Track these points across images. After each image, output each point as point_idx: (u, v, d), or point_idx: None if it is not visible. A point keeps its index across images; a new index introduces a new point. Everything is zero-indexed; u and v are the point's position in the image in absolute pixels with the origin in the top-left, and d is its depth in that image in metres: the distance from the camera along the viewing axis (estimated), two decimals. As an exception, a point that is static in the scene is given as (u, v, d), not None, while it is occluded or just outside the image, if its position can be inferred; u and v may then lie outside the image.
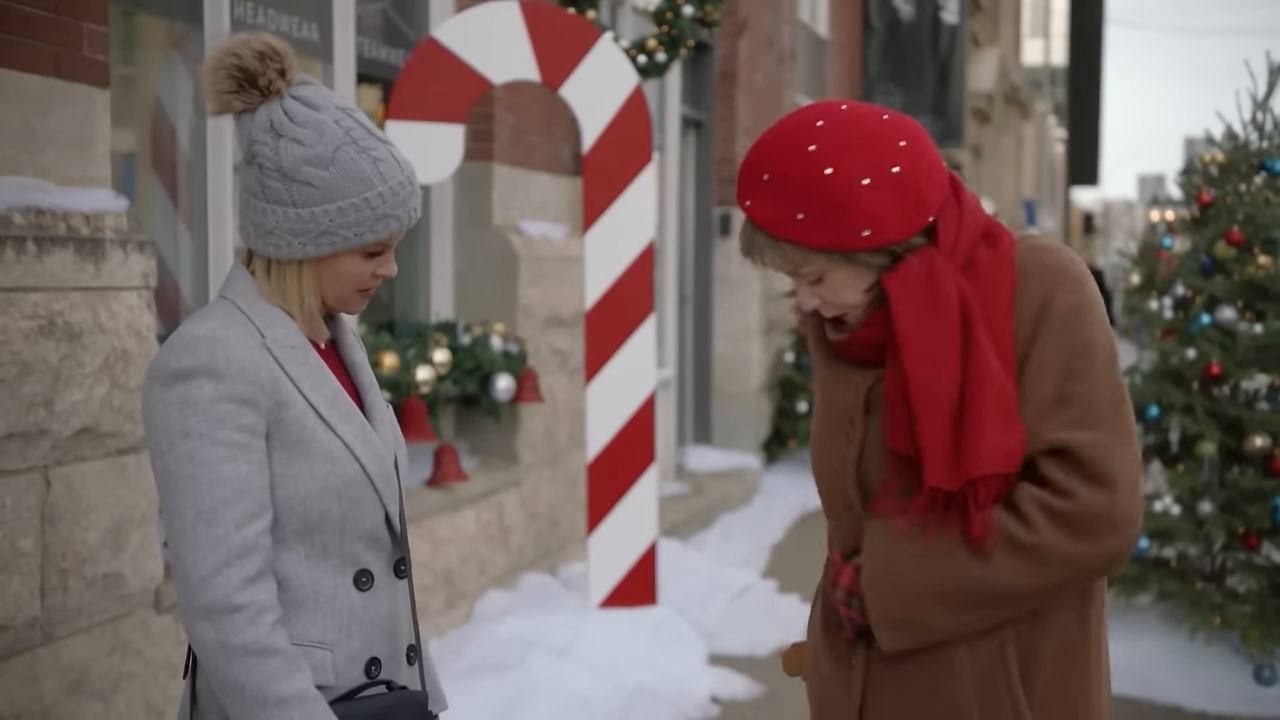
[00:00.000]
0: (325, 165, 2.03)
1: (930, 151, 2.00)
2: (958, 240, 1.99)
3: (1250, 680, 5.54)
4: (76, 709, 3.59)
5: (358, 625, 2.10)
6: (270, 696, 1.95)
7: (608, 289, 5.69)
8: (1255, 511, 5.71)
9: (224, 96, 2.06)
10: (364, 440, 2.11)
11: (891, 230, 1.94)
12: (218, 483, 1.97)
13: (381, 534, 2.14)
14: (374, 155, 2.07)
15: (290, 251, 2.06)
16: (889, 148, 1.95)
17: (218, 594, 1.95)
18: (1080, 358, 1.96)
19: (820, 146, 1.94)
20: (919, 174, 1.95)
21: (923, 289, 1.96)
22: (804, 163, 1.94)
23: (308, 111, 2.06)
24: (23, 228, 3.44)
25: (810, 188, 1.93)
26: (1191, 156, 6.67)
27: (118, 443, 3.73)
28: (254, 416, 2.01)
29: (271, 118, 2.06)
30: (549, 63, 5.59)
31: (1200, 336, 5.91)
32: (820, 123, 1.96)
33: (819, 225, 1.93)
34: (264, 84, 2.06)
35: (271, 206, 2.05)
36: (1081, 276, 1.99)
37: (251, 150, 2.07)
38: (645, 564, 5.71)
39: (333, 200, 2.03)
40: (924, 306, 1.95)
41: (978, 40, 22.43)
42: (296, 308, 2.10)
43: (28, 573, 3.42)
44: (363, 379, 2.23)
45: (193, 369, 1.99)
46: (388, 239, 2.10)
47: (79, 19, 3.75)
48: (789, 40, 11.82)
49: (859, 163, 1.93)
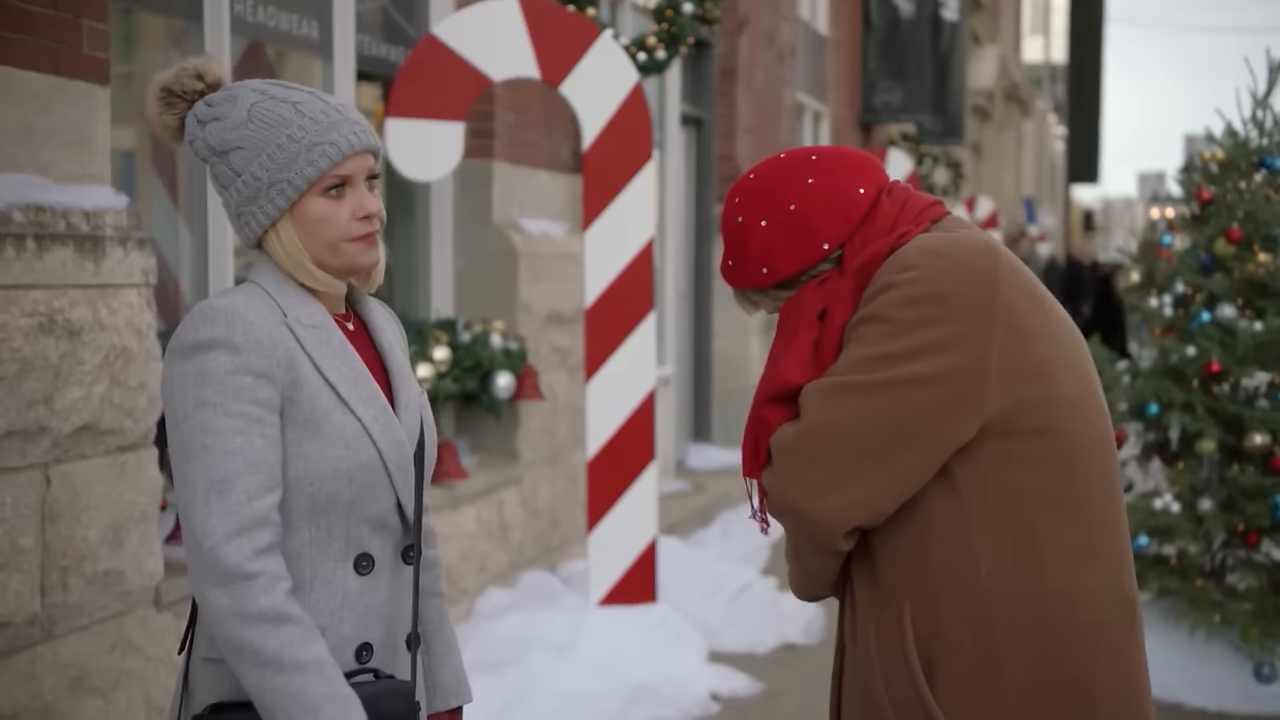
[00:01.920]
0: (243, 125, 2.07)
1: (843, 183, 2.10)
2: (858, 256, 2.07)
3: (1250, 677, 5.54)
4: (77, 706, 3.59)
5: (351, 610, 2.09)
6: (289, 661, 1.94)
7: (608, 286, 5.69)
8: (1255, 509, 5.71)
9: (159, 120, 2.15)
10: (384, 424, 2.10)
11: (784, 265, 2.11)
12: (231, 454, 1.97)
13: (391, 519, 2.13)
14: (291, 100, 2.10)
15: (259, 220, 2.08)
16: (792, 187, 2.11)
17: (230, 562, 1.94)
18: (864, 324, 2.00)
19: (740, 198, 2.16)
20: (815, 209, 2.09)
21: (788, 309, 2.12)
22: (729, 215, 2.17)
23: (222, 94, 2.12)
24: (22, 225, 3.44)
25: (731, 237, 2.17)
26: (1191, 154, 6.67)
27: (118, 440, 3.73)
28: (269, 391, 2.01)
29: (195, 114, 2.12)
30: (549, 60, 5.58)
31: (1200, 334, 5.91)
32: (752, 175, 2.18)
33: (739, 269, 2.17)
34: (180, 89, 2.13)
35: (229, 191, 2.10)
36: (914, 261, 1.98)
37: (197, 152, 2.13)
38: (645, 561, 5.71)
39: (261, 150, 2.07)
40: (785, 325, 2.12)
41: (978, 37, 22.42)
42: (300, 271, 2.10)
43: (28, 570, 3.42)
44: (393, 363, 2.22)
45: (210, 340, 2.00)
46: (335, 170, 2.08)
47: (79, 16, 3.75)
48: (789, 38, 11.82)
49: (759, 207, 2.12)
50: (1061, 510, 2.04)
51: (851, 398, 1.98)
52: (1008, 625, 1.99)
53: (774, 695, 5.50)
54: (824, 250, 2.09)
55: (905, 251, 2.01)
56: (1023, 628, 1.99)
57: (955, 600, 2.00)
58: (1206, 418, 5.83)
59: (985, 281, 1.97)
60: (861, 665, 2.07)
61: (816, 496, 2.00)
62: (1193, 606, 5.71)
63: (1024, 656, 1.99)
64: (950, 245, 2.00)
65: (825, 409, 2.00)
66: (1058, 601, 2.01)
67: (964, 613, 2.00)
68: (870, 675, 2.05)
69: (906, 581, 2.03)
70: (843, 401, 1.99)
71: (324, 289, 2.12)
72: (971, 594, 2.00)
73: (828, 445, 1.99)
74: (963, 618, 2.00)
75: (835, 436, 1.99)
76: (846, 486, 1.99)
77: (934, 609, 2.01)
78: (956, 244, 2.01)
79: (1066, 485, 2.04)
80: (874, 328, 1.99)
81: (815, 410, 2.01)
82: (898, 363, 1.96)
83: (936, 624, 2.01)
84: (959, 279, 1.97)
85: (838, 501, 1.99)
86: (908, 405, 1.96)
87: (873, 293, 2.00)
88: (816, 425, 2.00)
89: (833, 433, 1.99)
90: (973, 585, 2.00)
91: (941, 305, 1.96)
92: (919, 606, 2.02)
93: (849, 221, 2.09)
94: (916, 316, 1.96)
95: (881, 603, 2.06)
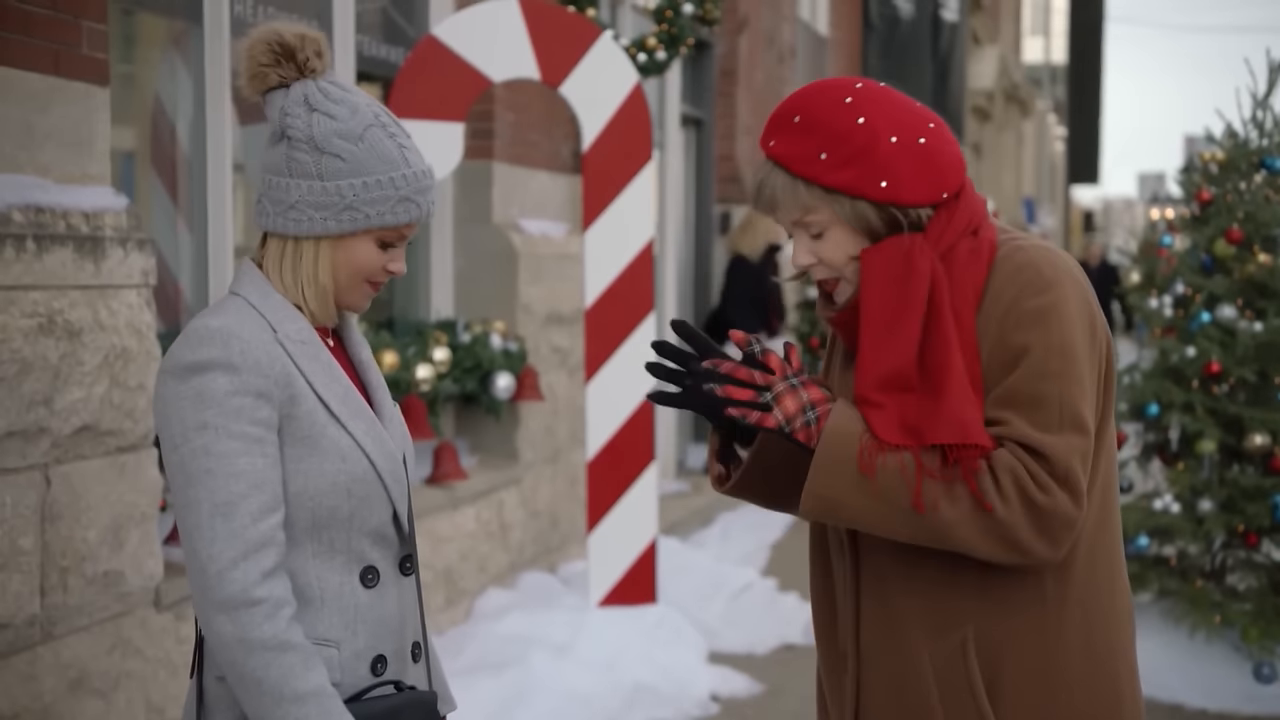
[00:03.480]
0: (355, 140, 2.06)
1: (954, 144, 2.07)
2: (944, 232, 2.03)
3: (1250, 678, 5.53)
4: (77, 707, 3.59)
5: (363, 623, 2.09)
6: (288, 692, 1.95)
7: (608, 287, 5.69)
8: (1255, 509, 5.70)
9: (261, 70, 2.10)
10: (374, 437, 2.11)
11: (907, 192, 1.99)
12: (234, 476, 1.97)
13: (389, 531, 2.14)
14: (400, 141, 2.11)
15: (310, 226, 2.06)
16: (920, 122, 2.03)
17: (235, 588, 1.95)
18: (1056, 357, 1.95)
19: (856, 100, 2.01)
20: (942, 154, 2.02)
21: (895, 264, 1.99)
22: (838, 110, 2.00)
23: (341, 91, 2.11)
24: (22, 226, 3.44)
25: (840, 130, 1.99)
26: (1191, 154, 6.66)
27: (117, 441, 3.73)
28: (268, 410, 2.01)
29: (306, 93, 2.09)
30: (549, 61, 5.58)
31: (1200, 334, 5.90)
32: (859, 85, 2.05)
33: (840, 167, 1.98)
34: (301, 59, 2.10)
35: (296, 180, 2.07)
36: (1053, 279, 1.98)
37: (283, 124, 2.09)
38: (645, 562, 5.71)
39: (359, 175, 2.06)
40: (892, 280, 1.99)
41: (978, 38, 22.43)
42: (311, 290, 2.10)
43: (27, 571, 3.41)
44: (370, 377, 2.24)
45: (208, 361, 1.99)
46: (404, 227, 2.11)
47: (78, 17, 3.75)
48: (789, 38, 11.82)
49: (891, 121, 2.00)
50: (1109, 525, 2.08)
51: (1088, 408, 1.98)
52: (1070, 648, 2.04)
53: (774, 696, 5.49)
54: (940, 197, 2.01)
55: (1034, 257, 2.00)
56: (1082, 646, 2.04)
57: (1023, 628, 2.02)
58: (1206, 418, 5.82)
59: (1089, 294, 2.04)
60: (911, 688, 2.05)
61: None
62: (1193, 607, 5.70)
63: (1081, 674, 2.04)
64: (1065, 261, 2.05)
65: (1088, 420, 1.97)
66: (1114, 619, 2.08)
67: (1030, 639, 2.02)
68: (924, 699, 2.04)
69: (971, 608, 2.03)
70: (1090, 412, 1.99)
71: (318, 315, 2.13)
72: (1037, 621, 2.02)
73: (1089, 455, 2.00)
74: (1029, 644, 2.02)
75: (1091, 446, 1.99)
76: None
77: (1000, 637, 2.02)
78: (1064, 259, 2.05)
79: (1109, 498, 2.08)
80: (1082, 345, 1.97)
81: (1085, 428, 1.96)
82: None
83: (1003, 650, 2.03)
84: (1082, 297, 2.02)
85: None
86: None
87: (1038, 311, 1.96)
88: (1090, 441, 1.98)
89: (1091, 443, 1.99)
90: (1038, 612, 2.03)
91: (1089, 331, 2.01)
92: (984, 633, 2.03)
93: (956, 181, 2.04)
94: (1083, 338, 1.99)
95: (938, 628, 2.04)
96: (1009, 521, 1.93)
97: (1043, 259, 2.00)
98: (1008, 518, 1.93)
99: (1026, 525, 1.93)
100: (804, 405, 2.02)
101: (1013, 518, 1.92)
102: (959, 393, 1.94)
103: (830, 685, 2.20)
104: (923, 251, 1.99)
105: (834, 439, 1.98)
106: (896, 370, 1.97)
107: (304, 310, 2.12)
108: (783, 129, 2.04)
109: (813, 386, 2.05)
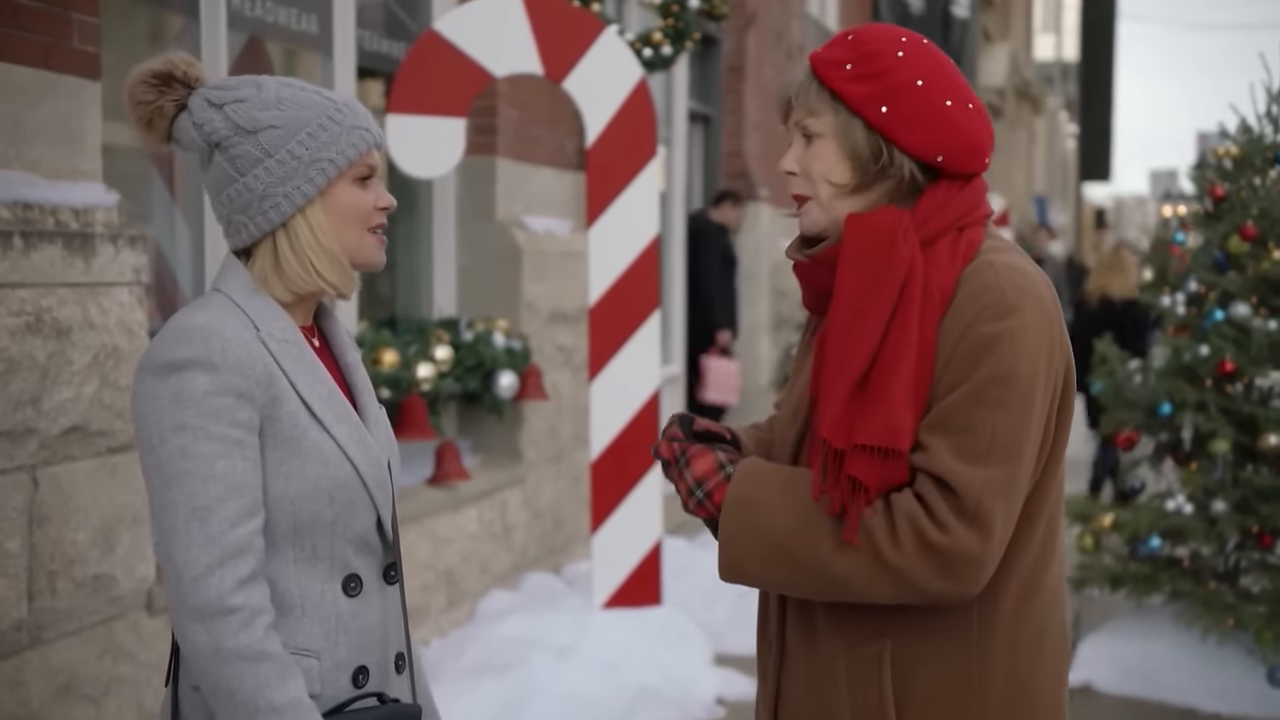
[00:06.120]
0: (274, 106, 2.02)
1: (982, 129, 2.02)
2: (932, 216, 1.97)
3: (1264, 682, 5.47)
4: (66, 713, 3.53)
5: (345, 633, 2.03)
6: (263, 704, 1.89)
7: (612, 285, 5.63)
8: (1269, 510, 5.63)
9: (153, 106, 2.04)
10: (358, 441, 2.05)
11: (902, 130, 1.96)
12: (212, 479, 1.90)
13: (372, 538, 2.08)
14: (310, 87, 2.07)
15: (290, 201, 2.00)
16: (958, 91, 2.00)
17: (211, 595, 1.89)
18: (998, 385, 1.88)
19: (910, 43, 2.01)
20: (957, 123, 1.97)
21: (879, 236, 1.95)
22: (886, 41, 2.01)
23: (236, 80, 2.07)
24: (9, 222, 3.38)
25: (875, 52, 1.99)
26: (1204, 151, 6.61)
27: (108, 441, 3.66)
28: (249, 412, 1.94)
29: (205, 98, 2.04)
30: (552, 55, 5.52)
31: (1214, 332, 5.84)
32: (924, 40, 2.04)
33: (855, 80, 1.98)
34: (180, 74, 2.04)
35: (249, 175, 2.01)
36: (1015, 304, 1.90)
37: (204, 137, 2.03)
38: (650, 563, 5.66)
39: (299, 130, 2.01)
40: (871, 253, 1.95)
41: (989, 35, 22.36)
42: (323, 262, 2.03)
43: (14, 574, 3.36)
44: (357, 380, 2.17)
45: (187, 360, 1.93)
46: (368, 155, 2.06)
47: (69, 10, 3.69)
48: (798, 34, 11.75)
49: (928, 72, 1.98)
50: (1051, 557, 2.03)
51: (1026, 444, 1.92)
52: (991, 677, 1.98)
53: (780, 699, 5.43)
54: (935, 160, 1.96)
55: (1000, 278, 1.93)
56: (1004, 676, 1.99)
57: (941, 649, 1.97)
58: (1220, 417, 5.75)
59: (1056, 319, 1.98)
60: (825, 690, 2.04)
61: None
62: (1206, 610, 5.63)
63: (998, 704, 1.99)
64: (1034, 284, 1.97)
65: (1017, 457, 1.91)
66: (1043, 655, 2.02)
67: (947, 661, 1.97)
68: (836, 703, 2.02)
69: (891, 624, 1.99)
70: (1016, 449, 1.91)
71: (340, 285, 2.06)
72: (959, 645, 1.97)
73: (1016, 492, 1.92)
74: (945, 666, 1.98)
75: (1017, 483, 1.93)
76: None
77: (917, 654, 1.98)
78: (1034, 282, 1.97)
79: (1054, 528, 2.03)
80: (1025, 376, 1.90)
81: (1011, 463, 1.90)
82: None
83: (918, 667, 1.98)
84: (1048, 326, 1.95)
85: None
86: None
87: (991, 336, 1.89)
88: (1017, 478, 1.91)
89: (1017, 479, 1.93)
90: (960, 637, 1.97)
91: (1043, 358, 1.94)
92: (902, 648, 1.98)
93: (955, 156, 1.98)
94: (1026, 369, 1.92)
95: (856, 638, 2.01)
96: (902, 566, 1.88)
97: (1008, 281, 1.92)
98: (901, 563, 1.88)
99: (922, 569, 1.88)
100: (691, 485, 2.08)
101: (906, 562, 1.88)
102: (899, 398, 1.88)
103: (759, 665, 2.21)
104: (906, 236, 1.94)
105: (731, 510, 2.01)
106: (854, 362, 1.93)
107: (325, 288, 2.06)
108: (833, 42, 2.06)
109: (701, 458, 2.07)
